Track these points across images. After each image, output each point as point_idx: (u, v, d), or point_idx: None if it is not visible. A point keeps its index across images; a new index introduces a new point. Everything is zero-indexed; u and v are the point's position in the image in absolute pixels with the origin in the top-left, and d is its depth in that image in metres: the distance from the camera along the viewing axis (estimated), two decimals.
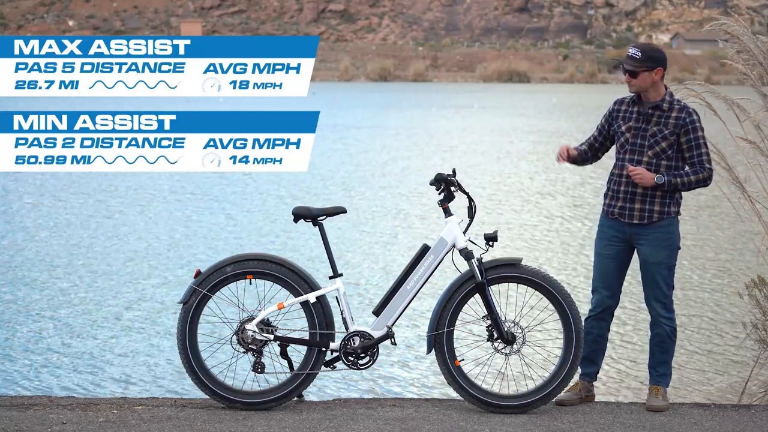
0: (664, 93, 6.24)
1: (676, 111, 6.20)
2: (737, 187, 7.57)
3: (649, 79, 6.16)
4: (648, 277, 6.28)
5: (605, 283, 6.33)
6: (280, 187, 20.63)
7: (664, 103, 6.21)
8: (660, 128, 6.18)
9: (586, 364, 6.40)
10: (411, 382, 8.60)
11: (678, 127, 6.16)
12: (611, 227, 6.31)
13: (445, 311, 6.11)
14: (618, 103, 6.39)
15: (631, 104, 6.31)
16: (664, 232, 6.22)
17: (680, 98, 6.81)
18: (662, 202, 6.21)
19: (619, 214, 6.27)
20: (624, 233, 6.27)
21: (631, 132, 6.25)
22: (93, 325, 10.25)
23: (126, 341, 9.69)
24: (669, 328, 6.32)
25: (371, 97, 58.33)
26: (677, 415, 6.15)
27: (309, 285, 6.11)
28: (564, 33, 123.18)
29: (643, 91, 6.21)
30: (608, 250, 6.31)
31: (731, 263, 13.25)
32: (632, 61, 6.18)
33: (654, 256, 6.22)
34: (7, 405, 6.11)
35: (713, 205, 17.90)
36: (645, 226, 6.22)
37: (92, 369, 8.86)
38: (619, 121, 6.32)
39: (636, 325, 10.21)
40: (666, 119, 6.18)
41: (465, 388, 6.10)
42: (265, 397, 6.10)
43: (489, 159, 26.16)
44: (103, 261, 13.31)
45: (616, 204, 6.28)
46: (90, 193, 19.70)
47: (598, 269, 6.36)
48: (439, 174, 6.15)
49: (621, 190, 6.25)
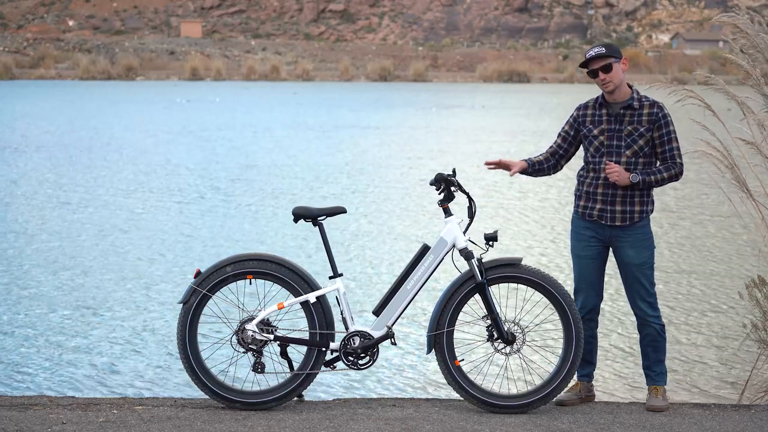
0: (631, 92, 6.25)
1: (648, 107, 6.20)
2: (738, 187, 7.57)
3: (620, 70, 6.17)
4: (631, 278, 6.27)
5: (589, 284, 6.33)
6: (280, 186, 20.62)
7: (634, 102, 6.21)
8: (635, 126, 6.18)
9: (583, 365, 6.41)
10: (411, 382, 8.60)
11: (652, 122, 6.17)
12: (589, 228, 6.30)
13: (445, 311, 6.11)
14: (582, 108, 6.37)
15: (598, 107, 6.29)
16: (644, 232, 6.25)
17: (646, 94, 6.79)
18: (641, 201, 6.22)
19: (598, 216, 6.25)
20: (603, 235, 6.27)
21: (605, 135, 6.22)
22: (93, 325, 10.25)
23: (126, 341, 9.69)
24: (658, 326, 6.33)
25: (371, 97, 58.32)
26: (677, 415, 6.16)
27: (309, 285, 6.11)
28: (564, 33, 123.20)
29: (617, 86, 6.18)
30: (587, 251, 6.31)
31: (731, 263, 13.24)
32: (601, 57, 6.16)
33: (638, 258, 6.23)
34: (7, 405, 6.11)
35: (713, 204, 17.91)
36: (626, 227, 6.22)
37: (92, 369, 8.85)
38: (588, 126, 6.29)
39: (634, 325, 10.20)
40: (639, 117, 6.18)
41: (465, 388, 6.11)
42: (265, 397, 6.10)
43: (489, 158, 26.12)
44: (103, 261, 13.30)
45: (594, 206, 6.26)
46: (90, 192, 19.70)
47: (579, 271, 6.35)
48: (439, 174, 6.16)
49: (599, 192, 6.23)
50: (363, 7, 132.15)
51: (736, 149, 7.70)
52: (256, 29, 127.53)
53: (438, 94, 63.47)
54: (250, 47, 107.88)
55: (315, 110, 45.45)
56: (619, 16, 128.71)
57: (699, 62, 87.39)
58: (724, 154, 7.50)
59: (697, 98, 7.44)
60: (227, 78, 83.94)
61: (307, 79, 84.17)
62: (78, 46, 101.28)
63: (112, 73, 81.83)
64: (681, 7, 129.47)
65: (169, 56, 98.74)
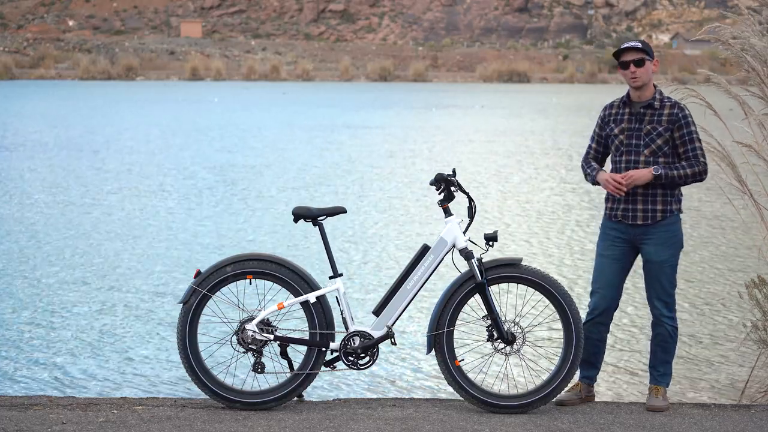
0: (654, 91, 6.26)
1: (668, 107, 6.21)
2: (738, 187, 7.57)
3: (650, 68, 6.19)
4: (651, 276, 6.27)
5: (606, 284, 6.30)
6: (280, 186, 20.62)
7: (656, 101, 6.22)
8: (654, 126, 6.19)
9: (587, 367, 6.39)
10: (411, 382, 8.59)
11: (672, 122, 6.18)
12: (614, 229, 6.30)
13: (445, 311, 6.11)
14: (608, 107, 6.39)
15: (622, 106, 6.32)
16: (668, 231, 6.23)
17: (669, 95, 6.80)
18: (664, 200, 6.21)
19: (622, 216, 6.26)
20: (628, 234, 6.26)
21: (624, 134, 6.25)
22: (93, 325, 10.25)
23: (126, 341, 9.68)
24: (671, 327, 6.31)
25: (371, 97, 58.31)
26: (677, 415, 6.15)
27: (309, 285, 6.11)
28: (564, 33, 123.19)
29: (644, 83, 6.20)
30: (611, 251, 6.30)
31: (731, 263, 13.24)
32: (636, 50, 6.18)
33: (658, 255, 6.21)
34: (7, 405, 6.11)
35: (714, 204, 17.90)
36: (649, 226, 6.21)
37: (92, 369, 8.85)
38: (611, 125, 6.31)
39: (636, 325, 10.21)
40: (659, 116, 6.19)
41: (465, 388, 6.11)
42: (265, 397, 6.10)
43: (489, 159, 26.15)
44: (102, 261, 13.30)
45: (618, 206, 6.27)
46: (90, 192, 19.70)
47: (600, 270, 6.34)
48: (439, 174, 6.16)
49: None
50: (363, 7, 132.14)
51: (736, 149, 7.70)
52: (256, 29, 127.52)
53: (438, 94, 63.47)
54: (250, 47, 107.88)
55: (315, 110, 45.45)
56: (619, 16, 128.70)
57: (699, 62, 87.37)
58: (725, 154, 7.50)
59: (699, 97, 7.44)
60: (227, 78, 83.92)
61: (307, 79, 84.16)
62: (78, 46, 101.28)
63: (112, 73, 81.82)
64: (681, 7, 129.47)
65: (169, 56, 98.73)
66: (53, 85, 71.23)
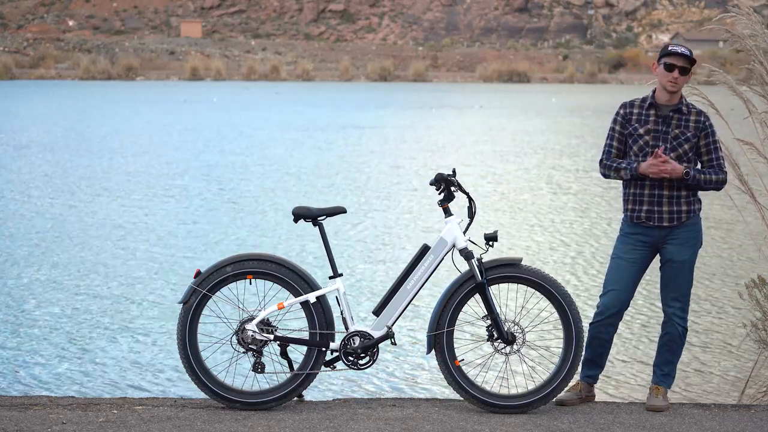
0: (681, 96, 6.26)
1: (695, 114, 6.22)
2: (740, 186, 7.57)
3: (688, 78, 6.20)
4: (670, 275, 6.24)
5: (620, 286, 6.24)
6: (280, 186, 20.62)
7: (683, 107, 6.21)
8: (682, 131, 6.17)
9: (591, 367, 6.38)
10: (411, 382, 8.60)
11: (698, 130, 6.18)
12: (637, 232, 6.24)
13: (445, 311, 6.11)
14: (628, 106, 6.30)
15: (647, 107, 6.25)
16: (691, 231, 6.22)
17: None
18: (688, 201, 6.20)
19: (646, 218, 6.20)
20: (651, 237, 6.21)
21: (650, 135, 6.20)
22: (93, 325, 10.25)
23: (126, 341, 9.69)
24: (681, 328, 6.29)
25: (371, 97, 58.32)
26: (677, 415, 6.15)
27: (309, 285, 6.11)
28: (564, 33, 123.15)
29: (679, 90, 6.19)
30: (632, 254, 6.24)
31: (731, 263, 13.24)
32: (687, 58, 6.16)
33: (680, 255, 6.19)
34: (7, 405, 6.11)
35: (714, 204, 17.90)
36: (674, 227, 6.20)
37: (92, 369, 8.85)
38: (634, 124, 6.23)
39: (637, 325, 10.21)
40: (686, 122, 6.19)
41: (465, 388, 6.10)
42: (265, 397, 6.09)
43: (489, 159, 26.15)
44: (102, 261, 13.30)
45: (641, 208, 6.20)
46: (90, 192, 19.70)
47: (616, 272, 6.26)
48: (439, 174, 6.15)
49: (645, 193, 6.18)
50: (363, 7, 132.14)
51: (737, 148, 7.70)
52: (256, 29, 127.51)
53: (438, 94, 63.46)
54: (250, 47, 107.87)
55: (314, 110, 45.44)
56: (619, 16, 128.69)
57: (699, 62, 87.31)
58: (726, 153, 7.49)
59: (701, 96, 7.44)
60: (227, 78, 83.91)
61: (307, 80, 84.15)
62: (78, 46, 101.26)
63: (112, 73, 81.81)
64: (681, 7, 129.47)
65: (169, 56, 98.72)
66: (53, 85, 71.22)
